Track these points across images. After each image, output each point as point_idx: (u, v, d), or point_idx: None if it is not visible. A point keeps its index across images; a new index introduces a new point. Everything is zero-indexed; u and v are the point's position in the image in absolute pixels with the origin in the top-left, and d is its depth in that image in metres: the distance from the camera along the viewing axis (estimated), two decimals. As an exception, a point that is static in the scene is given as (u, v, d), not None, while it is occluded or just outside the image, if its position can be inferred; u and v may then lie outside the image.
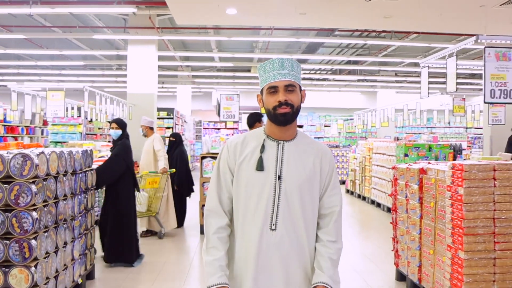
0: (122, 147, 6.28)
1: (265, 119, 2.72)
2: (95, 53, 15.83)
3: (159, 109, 16.90)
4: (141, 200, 7.61)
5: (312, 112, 26.78)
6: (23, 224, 3.89)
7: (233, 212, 2.34)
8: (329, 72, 20.92)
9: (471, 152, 17.06)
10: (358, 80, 22.24)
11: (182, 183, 8.79)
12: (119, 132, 6.39)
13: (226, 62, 17.77)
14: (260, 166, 2.25)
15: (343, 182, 16.37)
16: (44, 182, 4.13)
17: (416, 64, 16.12)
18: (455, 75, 5.20)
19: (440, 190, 4.56)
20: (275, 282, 2.23)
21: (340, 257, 2.32)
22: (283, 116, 2.23)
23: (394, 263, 5.83)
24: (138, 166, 8.60)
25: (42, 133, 17.97)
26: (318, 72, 21.37)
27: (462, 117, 13.77)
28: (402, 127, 25.02)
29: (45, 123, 17.72)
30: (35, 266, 3.96)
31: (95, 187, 5.68)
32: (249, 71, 19.77)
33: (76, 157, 4.92)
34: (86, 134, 16.22)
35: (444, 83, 6.26)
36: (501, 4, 8.43)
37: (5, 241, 3.89)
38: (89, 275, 5.58)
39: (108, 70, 20.01)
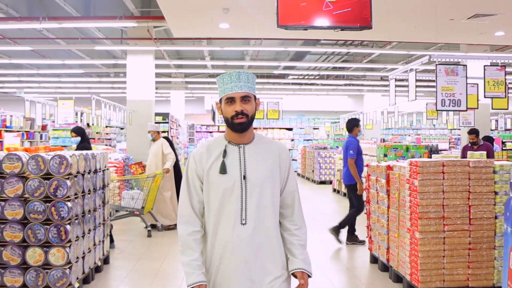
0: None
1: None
2: (95, 62, 16.69)
3: (155, 114, 17.75)
4: (134, 196, 8.47)
5: (302, 115, 27.74)
6: (60, 212, 4.78)
7: (205, 214, 2.58)
8: (317, 77, 21.85)
9: (451, 152, 18.04)
10: (345, 85, 23.19)
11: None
12: (78, 139, 7.34)
13: (218, 69, 18.68)
14: (223, 170, 2.49)
15: (330, 182, 17.29)
16: (75, 179, 5.02)
17: (409, 62, 17.15)
18: (414, 87, 6.15)
19: (402, 183, 5.50)
20: (251, 271, 2.48)
21: (307, 239, 2.65)
22: (239, 125, 2.48)
23: (368, 248, 6.76)
24: (144, 167, 9.38)
25: (41, 138, 18.73)
26: (306, 77, 22.28)
27: (435, 120, 14.78)
28: (389, 129, 26.08)
29: (43, 128, 18.50)
30: (69, 247, 4.85)
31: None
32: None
33: (97, 158, 5.82)
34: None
35: (429, 86, 7.11)
36: (469, 18, 9.40)
37: (45, 226, 4.78)
38: (105, 260, 6.46)
39: (105, 77, 20.83)
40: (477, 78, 8.49)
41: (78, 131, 7.39)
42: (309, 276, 2.56)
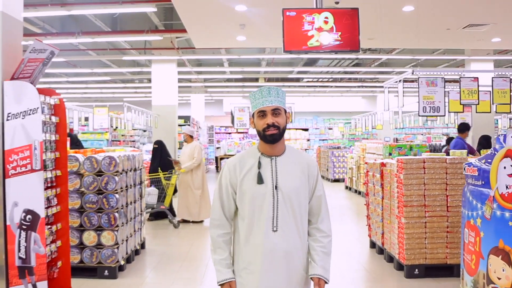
0: None
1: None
2: (122, 70, 17.90)
3: (177, 117, 18.95)
4: (151, 192, 9.57)
5: (317, 116, 28.74)
6: (110, 202, 5.91)
7: (238, 221, 2.77)
8: (330, 80, 22.80)
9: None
10: (358, 87, 24.09)
11: None
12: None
13: (236, 74, 19.79)
14: (260, 180, 2.66)
15: (343, 180, 18.28)
16: (121, 175, 6.15)
17: (417, 65, 18.10)
18: (402, 96, 7.15)
19: (392, 177, 6.52)
20: (280, 276, 2.67)
21: (331, 247, 2.84)
22: (271, 137, 2.66)
23: (368, 235, 7.79)
24: (177, 163, 10.33)
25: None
26: (319, 80, 23.26)
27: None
28: (402, 128, 26.94)
29: (71, 131, 19.81)
30: (117, 230, 5.98)
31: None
32: (256, 80, 21.76)
33: (136, 159, 6.95)
34: (112, 140, 18.35)
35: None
36: (464, 27, 10.35)
37: (98, 213, 5.91)
38: (142, 245, 7.58)
39: (129, 83, 22.07)
40: (485, 86, 9.46)
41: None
42: (326, 282, 2.72)
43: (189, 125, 20.20)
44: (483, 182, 4.18)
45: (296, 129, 27.98)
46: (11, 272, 4.39)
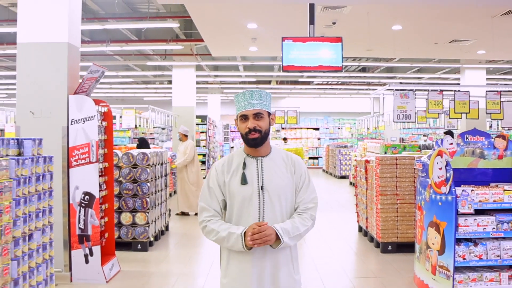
0: None
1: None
2: (146, 73, 19.43)
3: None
4: None
5: (327, 116, 30.10)
6: (143, 189, 7.39)
7: (224, 219, 2.76)
8: (339, 83, 24.10)
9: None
10: (366, 89, 25.36)
11: None
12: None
13: (250, 77, 21.22)
14: (244, 181, 2.67)
15: (348, 176, 19.65)
16: (152, 168, 7.62)
17: (420, 70, 19.46)
18: (382, 105, 8.58)
19: (372, 172, 7.90)
20: (268, 277, 2.67)
21: (304, 232, 2.70)
22: (253, 141, 2.67)
23: (357, 221, 9.18)
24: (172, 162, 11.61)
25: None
26: (329, 83, 24.58)
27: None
28: (409, 128, 28.22)
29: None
30: (148, 212, 7.45)
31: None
32: (269, 83, 23.15)
33: (162, 155, 8.43)
34: (133, 138, 19.87)
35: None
36: (449, 42, 11.66)
37: (133, 198, 7.39)
38: (166, 227, 9.05)
39: (150, 84, 23.62)
40: (478, 96, 10.78)
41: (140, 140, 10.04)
42: (279, 238, 2.59)
43: (205, 124, 21.67)
44: (425, 174, 5.58)
45: (308, 128, 29.36)
46: (72, 239, 5.89)
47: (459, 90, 9.54)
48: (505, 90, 14.98)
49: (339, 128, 29.65)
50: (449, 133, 10.62)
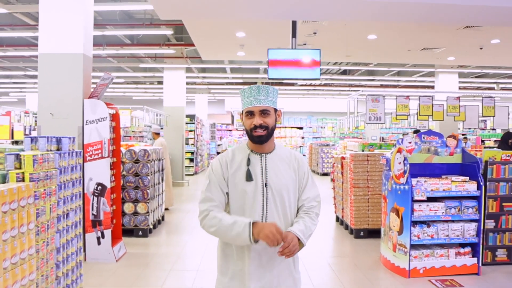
0: None
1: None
2: (137, 75, 20.28)
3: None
4: None
5: (311, 115, 31.17)
6: (144, 182, 8.33)
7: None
8: (322, 84, 25.14)
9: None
10: (348, 90, 26.42)
11: None
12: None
13: (237, 79, 22.18)
14: (249, 177, 2.62)
15: (330, 173, 20.71)
16: (151, 163, 8.56)
17: (399, 73, 20.53)
18: (356, 108, 9.62)
19: (347, 167, 8.92)
20: (269, 274, 2.64)
21: (314, 231, 2.72)
22: (258, 138, 2.61)
23: (334, 211, 10.20)
24: None
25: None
26: (312, 84, 25.60)
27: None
28: (389, 128, 29.37)
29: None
30: (148, 202, 8.39)
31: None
32: (255, 83, 24.13)
33: (160, 152, 9.37)
34: (124, 136, 20.69)
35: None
36: (421, 49, 12.73)
37: (135, 190, 8.32)
38: (162, 218, 9.99)
39: (140, 84, 24.47)
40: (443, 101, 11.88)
41: None
42: (300, 242, 2.59)
43: (193, 123, 22.60)
44: (388, 168, 6.61)
45: (292, 127, 30.43)
46: (86, 224, 6.81)
47: (423, 96, 10.58)
48: (466, 96, 16.07)
49: (322, 128, 30.76)
50: (417, 132, 11.70)
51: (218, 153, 25.96)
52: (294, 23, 7.94)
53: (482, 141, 22.14)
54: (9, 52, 15.07)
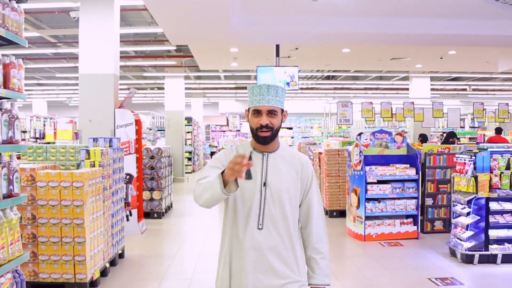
0: None
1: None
2: (140, 82, 22.24)
3: (182, 119, 23.32)
4: None
5: (300, 116, 33.20)
6: (158, 174, 10.31)
7: (225, 217, 2.70)
8: (309, 87, 27.17)
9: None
10: (334, 93, 28.45)
11: None
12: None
13: (230, 84, 24.21)
14: (248, 176, 2.51)
15: (316, 170, 22.75)
16: (164, 159, 10.54)
17: (381, 78, 22.64)
18: (337, 111, 11.63)
19: (323, 160, 10.91)
20: (264, 273, 2.58)
21: (328, 249, 2.76)
22: (263, 139, 2.57)
23: (314, 198, 12.20)
24: None
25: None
26: (300, 88, 27.60)
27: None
28: (374, 127, 31.46)
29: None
30: (162, 190, 10.37)
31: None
32: (245, 88, 26.11)
33: (169, 150, 11.36)
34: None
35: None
36: (391, 59, 14.77)
37: (151, 180, 10.31)
38: (171, 205, 11.97)
39: (141, 89, 26.43)
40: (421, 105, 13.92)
41: None
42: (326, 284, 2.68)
43: (190, 125, 24.56)
44: (349, 159, 8.64)
45: (282, 127, 32.25)
46: (117, 205, 8.78)
47: (384, 102, 12.62)
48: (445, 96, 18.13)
49: (310, 128, 32.85)
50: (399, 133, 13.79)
51: (212, 153, 27.91)
52: (277, 46, 9.96)
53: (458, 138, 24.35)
54: (29, 65, 16.96)
